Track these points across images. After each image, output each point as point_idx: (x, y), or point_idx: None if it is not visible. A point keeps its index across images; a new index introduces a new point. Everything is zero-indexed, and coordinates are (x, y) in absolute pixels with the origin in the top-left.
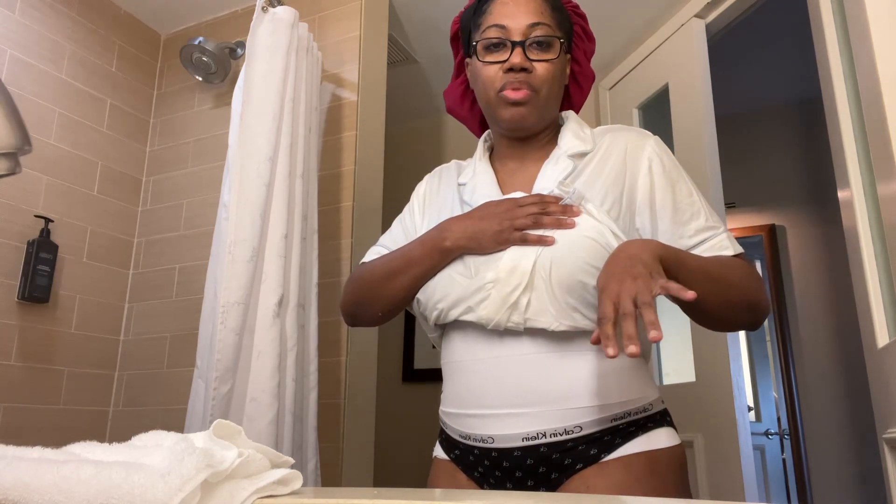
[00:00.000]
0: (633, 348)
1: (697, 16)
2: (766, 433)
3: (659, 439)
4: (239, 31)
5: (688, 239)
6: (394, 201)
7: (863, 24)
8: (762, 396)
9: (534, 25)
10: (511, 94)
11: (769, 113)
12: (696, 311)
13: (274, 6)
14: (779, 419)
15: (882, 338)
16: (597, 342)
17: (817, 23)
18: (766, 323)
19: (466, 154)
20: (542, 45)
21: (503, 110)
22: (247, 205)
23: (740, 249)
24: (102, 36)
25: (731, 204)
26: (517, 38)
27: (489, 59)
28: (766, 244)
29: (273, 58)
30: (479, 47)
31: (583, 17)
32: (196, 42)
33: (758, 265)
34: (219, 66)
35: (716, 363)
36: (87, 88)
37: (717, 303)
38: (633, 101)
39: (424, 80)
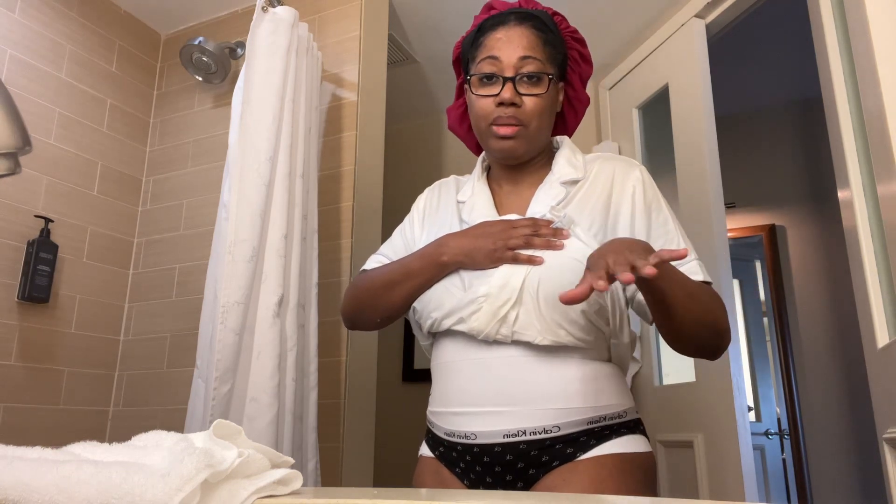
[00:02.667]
0: (626, 276)
1: (697, 16)
2: (766, 433)
3: (631, 444)
4: (239, 31)
5: None
6: (394, 201)
7: (863, 24)
8: (762, 396)
9: (524, 59)
10: (500, 130)
11: (769, 113)
12: (669, 323)
13: (274, 6)
14: (779, 419)
15: (882, 338)
16: (567, 300)
17: (817, 23)
18: (766, 323)
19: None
20: (532, 79)
21: (493, 142)
22: (247, 205)
23: (709, 279)
24: (102, 36)
25: (731, 204)
26: (508, 73)
27: (482, 91)
28: (766, 244)
29: (273, 58)
30: (473, 80)
31: (580, 41)
32: (196, 42)
33: (758, 265)
34: (219, 66)
35: (716, 363)
36: (87, 88)
37: (689, 316)
38: (633, 101)
39: (424, 80)
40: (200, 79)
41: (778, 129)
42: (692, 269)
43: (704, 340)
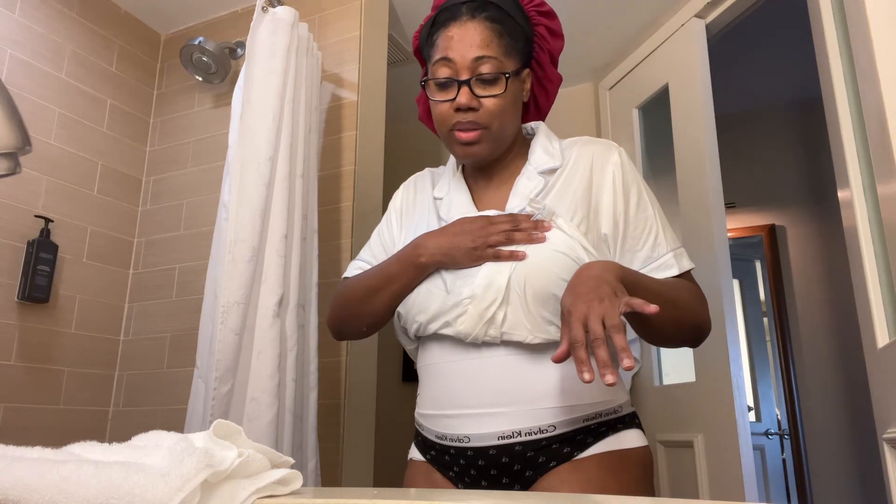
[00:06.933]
0: (610, 378)
1: (697, 16)
2: (766, 433)
3: (628, 440)
4: (239, 31)
5: (639, 252)
6: None
7: (863, 24)
8: (762, 396)
9: (479, 59)
10: (461, 136)
11: (769, 113)
12: (647, 329)
13: (274, 6)
14: (779, 419)
15: (882, 338)
16: (560, 360)
17: (817, 23)
18: (766, 323)
19: None
20: (489, 79)
21: (457, 148)
22: (247, 205)
23: (686, 267)
24: (102, 36)
25: (731, 204)
26: (463, 75)
27: (439, 97)
28: (766, 244)
29: (273, 58)
30: (429, 84)
31: (548, 14)
32: (196, 42)
33: (758, 265)
34: (219, 66)
35: (716, 363)
36: (87, 88)
37: (668, 323)
38: (633, 101)
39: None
40: (200, 79)
41: (778, 129)
42: (667, 262)
43: (682, 336)
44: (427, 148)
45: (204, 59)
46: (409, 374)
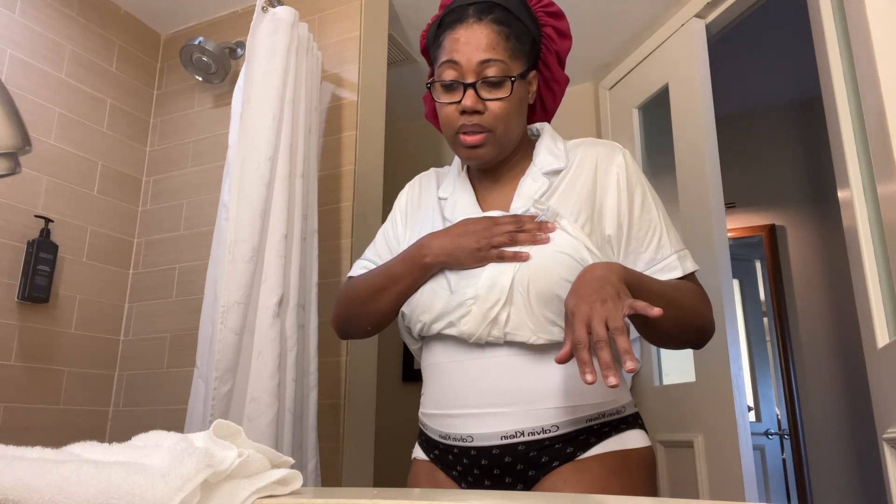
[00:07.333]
0: (613, 379)
1: (697, 16)
2: (766, 433)
3: (631, 440)
4: (239, 31)
5: (643, 253)
6: (393, 201)
7: (863, 24)
8: (762, 396)
9: (485, 63)
10: (467, 139)
11: (769, 113)
12: (651, 330)
13: (274, 6)
14: (779, 419)
15: (882, 338)
16: (563, 361)
17: (817, 23)
18: (766, 323)
19: None
20: (494, 83)
21: (462, 151)
22: (247, 205)
23: (690, 269)
24: (102, 36)
25: (731, 204)
26: (469, 78)
27: (445, 99)
28: (766, 244)
29: (273, 58)
30: (436, 86)
31: (555, 14)
32: (196, 42)
33: (758, 265)
34: (219, 66)
35: (716, 363)
36: (87, 88)
37: (671, 325)
38: (634, 101)
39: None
40: (200, 79)
41: (778, 129)
42: (671, 263)
43: (685, 338)
44: (427, 148)
45: (204, 59)
46: (409, 374)
